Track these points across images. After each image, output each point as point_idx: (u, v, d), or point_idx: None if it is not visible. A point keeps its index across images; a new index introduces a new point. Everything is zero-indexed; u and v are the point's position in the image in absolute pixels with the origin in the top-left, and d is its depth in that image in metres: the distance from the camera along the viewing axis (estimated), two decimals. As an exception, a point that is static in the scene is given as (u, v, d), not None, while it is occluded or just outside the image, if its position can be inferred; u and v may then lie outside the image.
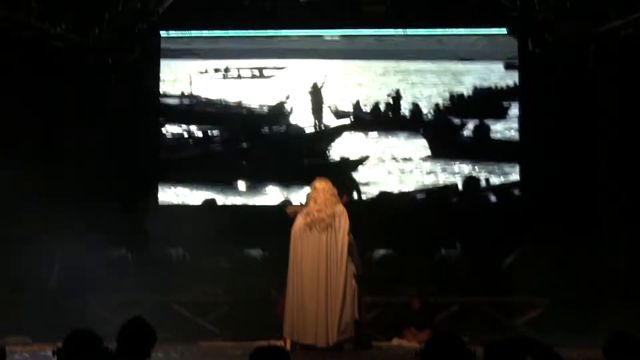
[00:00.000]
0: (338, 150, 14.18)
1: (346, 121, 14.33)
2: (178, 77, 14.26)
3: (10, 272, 11.30)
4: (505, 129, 13.88)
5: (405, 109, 14.16)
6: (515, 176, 13.44)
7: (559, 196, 12.04)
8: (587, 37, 11.74)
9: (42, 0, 11.15)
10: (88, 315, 11.47)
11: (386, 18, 12.48)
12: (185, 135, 14.32)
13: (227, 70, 14.44)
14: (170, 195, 13.68)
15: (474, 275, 12.06)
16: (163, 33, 12.68)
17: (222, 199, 13.79)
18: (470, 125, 14.01)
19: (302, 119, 14.26)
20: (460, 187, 13.75)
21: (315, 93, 14.19)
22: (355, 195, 13.55)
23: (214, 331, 11.86)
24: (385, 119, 14.25)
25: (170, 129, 14.20)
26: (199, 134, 14.29)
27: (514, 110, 13.62)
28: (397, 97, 14.29)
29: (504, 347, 4.59)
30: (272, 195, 13.86)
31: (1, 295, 10.90)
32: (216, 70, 14.43)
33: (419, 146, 14.04)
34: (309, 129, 14.36)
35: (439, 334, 4.65)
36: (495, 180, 13.65)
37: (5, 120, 11.83)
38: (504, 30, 12.44)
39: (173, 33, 12.71)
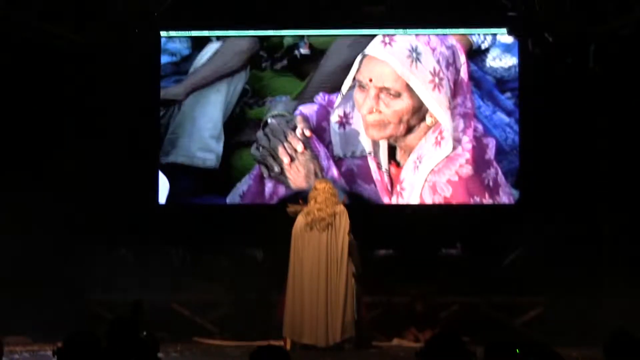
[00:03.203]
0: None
1: None
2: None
3: (11, 272, 11.30)
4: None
5: None
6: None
7: (559, 196, 12.04)
8: (587, 37, 11.74)
9: (42, 0, 11.16)
10: (88, 315, 11.49)
11: (386, 18, 12.46)
12: None
13: None
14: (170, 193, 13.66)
15: (474, 275, 12.06)
16: (163, 33, 12.67)
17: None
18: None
19: None
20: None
21: None
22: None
23: (214, 331, 11.87)
24: None
25: None
26: None
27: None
28: None
29: (504, 347, 4.59)
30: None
31: (1, 295, 10.90)
32: None
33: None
34: None
35: (439, 334, 4.65)
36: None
37: (4, 120, 11.84)
38: (504, 30, 12.43)
39: (173, 33, 12.69)
